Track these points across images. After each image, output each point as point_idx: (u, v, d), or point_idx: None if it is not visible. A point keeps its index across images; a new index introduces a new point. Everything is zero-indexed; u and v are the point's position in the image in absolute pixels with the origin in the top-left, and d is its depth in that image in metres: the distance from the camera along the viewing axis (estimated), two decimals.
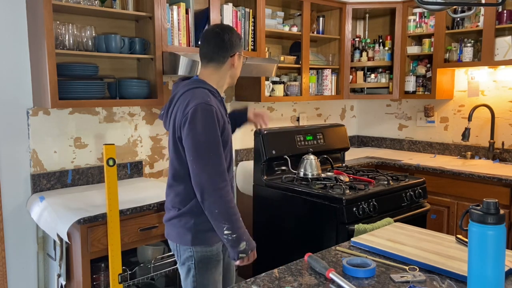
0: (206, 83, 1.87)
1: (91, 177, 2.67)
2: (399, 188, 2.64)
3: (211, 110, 1.74)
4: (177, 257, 1.92)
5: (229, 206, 1.74)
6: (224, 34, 1.87)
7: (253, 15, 3.07)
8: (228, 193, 1.75)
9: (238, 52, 1.92)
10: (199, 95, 1.77)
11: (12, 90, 2.38)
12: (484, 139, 3.53)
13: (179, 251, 1.89)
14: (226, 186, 1.75)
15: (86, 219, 2.00)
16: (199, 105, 1.74)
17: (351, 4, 3.69)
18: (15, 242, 2.43)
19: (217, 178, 1.73)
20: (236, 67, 1.94)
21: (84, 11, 2.42)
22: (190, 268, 1.86)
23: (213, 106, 1.76)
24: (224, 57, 1.88)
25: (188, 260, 1.86)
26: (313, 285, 1.29)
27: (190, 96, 1.79)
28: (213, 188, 1.72)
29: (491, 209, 1.12)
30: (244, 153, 3.47)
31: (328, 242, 2.41)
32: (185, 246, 1.85)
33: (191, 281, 1.87)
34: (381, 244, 1.58)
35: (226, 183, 1.75)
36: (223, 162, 1.76)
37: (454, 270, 1.34)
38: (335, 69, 3.75)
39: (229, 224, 1.73)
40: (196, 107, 1.73)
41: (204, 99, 1.76)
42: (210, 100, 1.77)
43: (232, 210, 1.75)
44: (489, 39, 3.14)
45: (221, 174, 1.74)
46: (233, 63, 1.91)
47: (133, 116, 2.85)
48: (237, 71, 1.96)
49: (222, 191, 1.73)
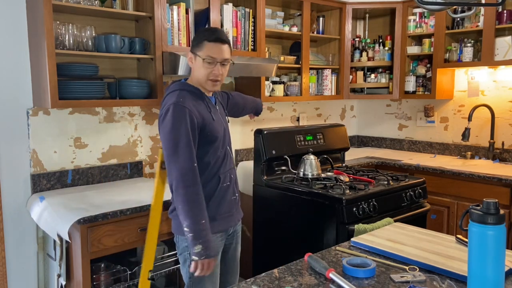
0: (187, 84, 1.93)
1: (91, 177, 2.67)
2: (399, 188, 2.64)
3: (181, 111, 1.80)
4: (176, 248, 2.00)
5: (192, 205, 1.78)
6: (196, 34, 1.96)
7: (253, 15, 3.07)
8: (194, 191, 1.78)
9: (192, 52, 1.91)
10: (174, 97, 1.85)
11: (12, 90, 2.38)
12: (484, 139, 3.53)
13: (178, 242, 1.97)
14: (192, 184, 1.78)
15: (86, 219, 2.00)
16: (171, 105, 1.81)
17: (351, 4, 3.69)
18: (15, 242, 2.43)
19: (183, 175, 1.78)
20: (193, 68, 1.92)
21: (84, 11, 2.42)
22: (186, 258, 1.92)
23: (186, 107, 1.81)
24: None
25: (184, 250, 1.92)
26: (313, 285, 1.29)
27: (168, 98, 1.87)
28: (179, 185, 1.77)
29: (491, 209, 1.12)
30: (244, 153, 3.47)
31: (328, 242, 2.41)
32: (183, 237, 1.90)
33: (187, 271, 1.92)
34: (381, 244, 1.58)
35: (193, 180, 1.78)
36: (191, 159, 1.79)
37: (454, 270, 1.34)
38: (335, 69, 3.75)
39: (188, 222, 1.78)
40: (168, 107, 1.82)
41: (177, 100, 1.82)
42: (183, 101, 1.82)
43: (195, 209, 1.78)
44: (489, 39, 3.14)
45: (187, 171, 1.78)
46: (190, 62, 1.93)
47: (133, 116, 2.85)
48: (195, 73, 1.91)
49: (186, 188, 1.78)
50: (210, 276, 1.92)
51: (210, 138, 1.90)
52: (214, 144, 1.91)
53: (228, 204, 1.99)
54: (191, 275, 1.92)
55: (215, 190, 1.93)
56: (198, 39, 1.90)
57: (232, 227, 2.05)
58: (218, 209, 1.95)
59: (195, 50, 1.90)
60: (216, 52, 1.87)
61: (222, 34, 1.92)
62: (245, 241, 3.21)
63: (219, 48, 1.88)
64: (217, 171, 1.94)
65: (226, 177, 1.96)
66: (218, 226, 1.95)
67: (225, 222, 1.99)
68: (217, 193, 1.94)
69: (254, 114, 2.62)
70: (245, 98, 2.49)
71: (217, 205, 1.94)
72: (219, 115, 2.01)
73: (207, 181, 1.92)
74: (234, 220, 2.05)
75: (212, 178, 1.93)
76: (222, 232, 1.98)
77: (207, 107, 1.93)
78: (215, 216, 1.93)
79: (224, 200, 1.96)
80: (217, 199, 1.94)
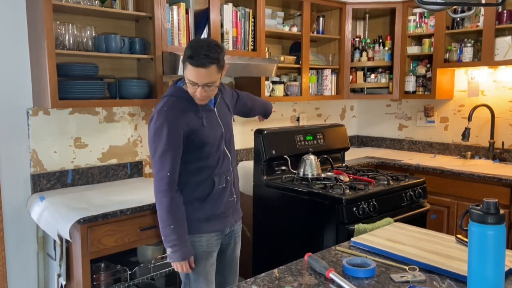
0: (181, 89, 1.92)
1: (91, 177, 2.67)
2: (399, 188, 2.64)
3: (164, 119, 1.82)
4: None
5: (162, 211, 1.85)
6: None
7: (253, 15, 3.07)
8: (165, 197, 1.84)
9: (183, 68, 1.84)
10: (161, 104, 1.88)
11: (12, 90, 2.38)
12: (484, 139, 3.53)
13: None
14: (164, 190, 1.84)
15: (86, 219, 2.00)
16: (155, 113, 1.86)
17: (351, 4, 3.69)
18: (15, 242, 2.43)
19: (158, 182, 1.85)
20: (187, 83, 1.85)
21: (84, 11, 2.42)
22: None
23: (169, 116, 1.82)
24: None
25: None
26: (313, 285, 1.29)
27: (158, 104, 1.90)
28: (156, 191, 1.87)
29: (491, 209, 1.12)
30: (244, 153, 3.47)
31: (328, 242, 2.41)
32: None
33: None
34: (381, 244, 1.58)
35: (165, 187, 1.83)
36: (164, 168, 1.83)
37: (454, 270, 1.34)
38: (335, 69, 3.75)
39: (160, 225, 1.88)
40: (153, 115, 1.86)
41: (162, 108, 1.85)
42: (168, 110, 1.83)
43: (164, 215, 1.85)
44: (489, 39, 3.13)
45: (161, 178, 1.83)
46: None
47: (133, 116, 2.85)
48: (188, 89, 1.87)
49: (159, 194, 1.85)
50: (204, 275, 1.94)
51: (198, 144, 1.90)
52: (204, 149, 1.91)
53: (224, 205, 1.99)
54: (187, 275, 1.95)
55: (210, 192, 1.94)
56: (184, 55, 1.80)
57: (228, 227, 2.05)
58: (213, 210, 1.96)
59: (182, 65, 1.84)
60: (195, 77, 1.78)
61: (203, 58, 1.75)
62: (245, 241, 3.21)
63: (198, 73, 1.77)
64: (211, 174, 1.94)
65: (221, 179, 1.96)
66: (213, 226, 1.97)
67: (221, 223, 2.00)
68: (212, 195, 1.94)
69: (263, 117, 2.62)
70: (254, 100, 2.47)
71: (212, 206, 1.95)
72: (216, 117, 1.98)
73: (200, 183, 1.93)
74: (230, 221, 2.05)
75: (205, 181, 1.93)
76: (217, 232, 2.00)
77: (199, 113, 1.91)
78: (209, 216, 1.95)
79: (219, 202, 1.97)
80: (212, 200, 1.95)
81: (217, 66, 1.80)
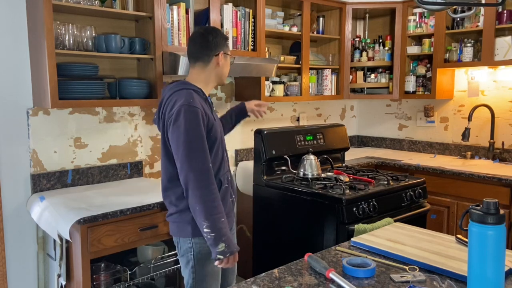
0: (190, 83, 1.94)
1: (91, 177, 2.67)
2: (399, 188, 2.64)
3: (194, 111, 1.81)
4: (177, 249, 1.99)
5: (210, 204, 1.78)
6: (208, 35, 1.95)
7: (253, 15, 3.07)
8: (211, 191, 1.79)
9: (223, 51, 1.99)
10: (183, 97, 1.84)
11: (12, 90, 2.38)
12: (484, 139, 3.53)
13: (179, 243, 1.96)
14: (210, 184, 1.79)
15: (86, 219, 2.00)
16: (183, 106, 1.81)
17: (351, 4, 3.69)
18: (15, 242, 2.43)
19: (201, 176, 1.78)
20: (222, 66, 2.00)
21: (84, 11, 2.41)
22: (189, 259, 1.92)
23: (197, 107, 1.82)
24: (209, 56, 1.95)
25: (187, 252, 1.92)
26: (313, 285, 1.29)
27: (176, 98, 1.86)
28: (196, 186, 1.77)
29: (491, 209, 1.12)
30: (244, 153, 3.47)
31: (328, 242, 2.41)
32: (185, 238, 1.91)
33: (190, 272, 1.93)
34: (381, 244, 1.58)
35: (210, 181, 1.80)
36: (207, 160, 1.81)
37: (454, 270, 1.34)
38: (335, 69, 3.75)
39: (208, 222, 1.77)
40: (180, 108, 1.81)
41: (187, 100, 1.83)
42: (193, 101, 1.83)
43: (214, 209, 1.78)
44: (489, 39, 3.14)
45: (204, 172, 1.79)
46: (218, 61, 1.97)
47: (133, 116, 2.85)
48: (224, 70, 2.01)
49: (204, 189, 1.78)
50: (212, 274, 1.93)
51: (212, 139, 1.90)
52: (215, 144, 1.92)
53: (228, 206, 1.99)
54: (194, 276, 1.92)
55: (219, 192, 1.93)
56: (222, 39, 1.98)
57: (231, 228, 2.06)
58: None
59: (225, 50, 1.99)
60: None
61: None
62: (245, 241, 3.21)
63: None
64: (217, 174, 1.94)
65: (224, 179, 1.97)
66: None
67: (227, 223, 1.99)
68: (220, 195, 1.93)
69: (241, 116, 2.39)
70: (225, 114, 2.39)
71: None
72: (217, 116, 2.04)
73: None
74: (232, 222, 2.06)
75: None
76: None
77: (210, 107, 1.97)
78: None
79: (225, 202, 1.97)
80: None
81: None
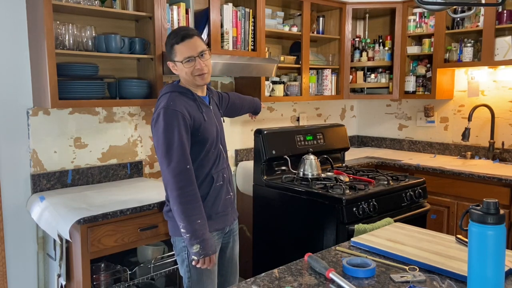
0: (178, 85, 1.96)
1: (91, 177, 2.67)
2: (399, 188, 2.64)
3: (173, 113, 1.83)
4: (174, 248, 2.01)
5: (186, 206, 1.80)
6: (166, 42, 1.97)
7: (253, 15, 3.07)
8: (187, 192, 1.80)
9: (169, 60, 1.96)
10: (165, 100, 1.88)
11: (12, 90, 2.38)
12: (484, 139, 3.53)
13: (174, 242, 1.99)
14: (187, 185, 1.81)
15: (86, 219, 2.00)
16: (162, 109, 1.85)
17: (351, 4, 3.69)
18: (15, 242, 2.43)
19: (177, 177, 1.80)
20: (179, 71, 1.95)
21: (84, 11, 2.41)
22: (184, 258, 1.95)
23: (177, 110, 1.84)
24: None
25: (182, 251, 1.95)
26: (313, 285, 1.29)
27: (160, 102, 1.90)
28: (173, 187, 1.80)
29: (491, 209, 1.12)
30: (244, 153, 3.47)
31: (328, 242, 2.41)
32: (179, 237, 1.92)
33: (186, 271, 1.95)
34: (381, 244, 1.58)
35: (187, 182, 1.81)
36: (185, 161, 1.82)
37: (454, 270, 1.34)
38: (335, 69, 3.74)
39: (183, 223, 1.80)
40: (159, 111, 1.85)
41: (167, 103, 1.85)
42: (173, 104, 1.85)
43: (190, 210, 1.80)
44: (489, 39, 3.13)
45: (181, 173, 1.80)
46: (172, 69, 1.97)
47: (133, 116, 2.85)
48: (182, 75, 1.95)
49: (180, 190, 1.80)
50: (208, 275, 1.94)
51: (201, 139, 1.91)
52: (205, 144, 1.93)
53: (223, 203, 2.01)
54: (189, 275, 1.94)
55: (209, 189, 1.95)
56: (168, 46, 1.93)
57: (228, 226, 2.07)
58: (213, 208, 1.97)
59: (171, 58, 1.94)
60: (189, 49, 1.88)
61: (186, 30, 1.92)
62: (245, 241, 3.21)
63: (189, 44, 1.88)
64: (210, 171, 1.95)
65: (219, 176, 1.98)
66: (214, 225, 1.97)
67: (221, 221, 2.01)
68: (211, 192, 1.96)
69: (253, 114, 2.65)
70: (242, 98, 2.52)
71: (212, 204, 1.96)
72: (212, 115, 2.02)
73: (200, 181, 1.93)
74: (229, 219, 2.07)
75: (205, 178, 1.95)
76: (218, 231, 2.01)
77: (199, 108, 1.95)
78: (210, 215, 1.95)
79: (218, 199, 1.98)
80: (212, 198, 1.96)
81: (198, 37, 1.92)
